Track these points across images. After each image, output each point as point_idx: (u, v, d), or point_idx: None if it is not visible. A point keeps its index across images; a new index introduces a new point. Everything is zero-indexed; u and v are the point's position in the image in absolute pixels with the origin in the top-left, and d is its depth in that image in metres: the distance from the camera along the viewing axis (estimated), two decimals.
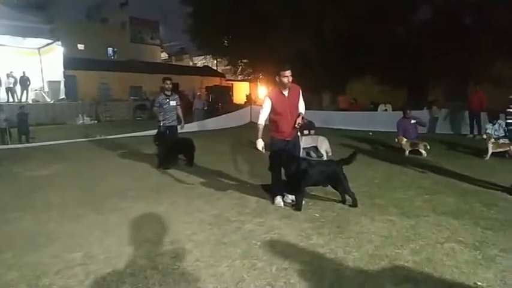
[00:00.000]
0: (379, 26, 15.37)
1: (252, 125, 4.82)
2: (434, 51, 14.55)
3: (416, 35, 15.80)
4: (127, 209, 4.70)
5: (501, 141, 7.79)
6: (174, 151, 7.24)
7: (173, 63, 43.53)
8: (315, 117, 13.65)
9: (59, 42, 20.08)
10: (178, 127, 7.50)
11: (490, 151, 7.55)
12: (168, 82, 7.20)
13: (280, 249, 3.46)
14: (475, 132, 11.23)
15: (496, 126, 8.38)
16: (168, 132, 7.24)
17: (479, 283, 2.81)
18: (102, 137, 11.75)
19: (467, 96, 12.60)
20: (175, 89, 23.47)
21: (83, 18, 36.77)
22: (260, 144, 4.61)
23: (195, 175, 6.51)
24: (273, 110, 4.68)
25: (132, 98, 24.20)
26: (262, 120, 4.70)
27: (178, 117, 7.48)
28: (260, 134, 4.65)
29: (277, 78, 4.64)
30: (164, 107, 7.19)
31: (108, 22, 35.98)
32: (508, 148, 7.54)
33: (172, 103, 7.25)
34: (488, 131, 8.23)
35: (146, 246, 3.52)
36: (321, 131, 10.54)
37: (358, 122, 14.13)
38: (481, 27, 14.26)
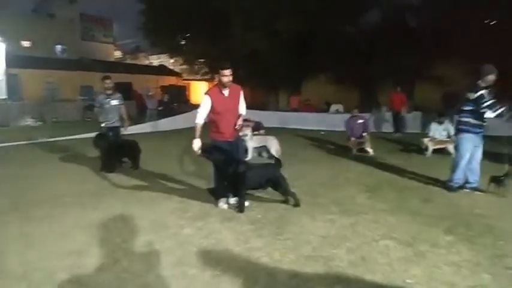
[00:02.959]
0: (331, 27, 15.69)
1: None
2: (382, 53, 15.10)
3: (367, 37, 16.31)
4: (59, 216, 4.38)
5: (438, 137, 8.13)
6: (117, 154, 6.89)
7: (128, 62, 42.11)
8: (271, 117, 13.76)
9: (0, 38, 18.65)
10: (122, 128, 7.15)
11: (430, 148, 7.90)
12: (108, 81, 6.85)
13: (216, 254, 3.35)
14: (396, 131, 11.97)
15: (443, 126, 8.33)
16: (110, 133, 6.88)
17: (408, 280, 2.85)
18: (45, 140, 11.04)
19: (413, 96, 13.19)
20: (128, 88, 22.74)
21: (29, 13, 34.53)
22: (196, 144, 4.45)
23: (138, 179, 6.24)
24: (212, 110, 4.55)
25: (80, 98, 23.03)
26: (200, 119, 4.54)
27: (121, 117, 7.13)
28: (197, 133, 4.49)
29: (217, 77, 4.53)
30: (105, 107, 6.83)
31: (55, 18, 34.06)
32: (446, 145, 7.90)
33: (114, 102, 6.90)
34: (431, 133, 8.43)
35: (71, 258, 3.26)
36: (275, 131, 10.60)
37: (312, 122, 14.35)
38: (424, 30, 15.00)
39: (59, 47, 32.62)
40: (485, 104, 4.89)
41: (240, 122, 4.57)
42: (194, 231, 3.88)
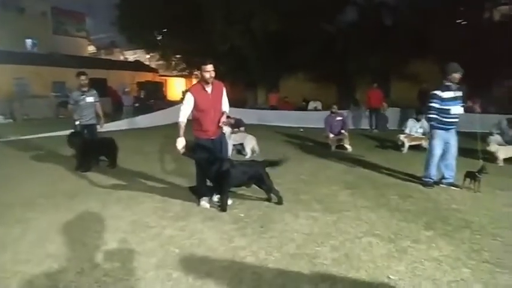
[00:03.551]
0: (309, 24, 15.78)
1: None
2: (359, 50, 15.34)
3: (344, 35, 16.52)
4: (33, 219, 4.20)
5: (414, 134, 8.33)
6: (93, 152, 6.69)
7: (102, 57, 40.96)
8: (250, 114, 13.72)
9: None
10: (97, 126, 6.94)
11: (407, 145, 8.09)
12: (83, 77, 6.63)
13: (200, 255, 3.29)
14: (373, 127, 12.13)
15: (420, 123, 8.52)
16: (85, 131, 6.66)
17: (391, 276, 2.89)
18: (16, 138, 10.60)
19: (389, 93, 13.42)
20: (103, 85, 22.13)
21: None
22: (180, 143, 4.35)
23: (116, 178, 6.07)
24: (195, 107, 4.46)
25: (53, 94, 22.24)
26: (183, 117, 4.45)
27: (97, 115, 6.92)
28: (181, 132, 4.39)
29: (199, 74, 4.45)
30: (80, 104, 6.61)
31: (26, 11, 32.68)
32: (421, 142, 8.10)
33: (89, 99, 6.69)
34: (407, 129, 8.62)
35: (47, 263, 3.12)
36: (255, 128, 10.58)
37: (291, 119, 14.41)
38: (400, 28, 15.33)
39: (29, 41, 31.34)
40: (451, 101, 5.08)
41: (223, 119, 4.51)
42: (176, 231, 3.80)
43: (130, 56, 40.38)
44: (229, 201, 4.54)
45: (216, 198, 4.68)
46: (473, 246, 3.38)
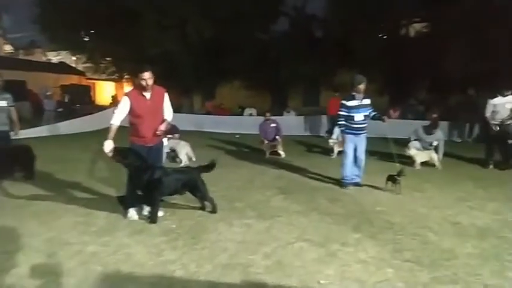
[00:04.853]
0: (243, 32, 15.96)
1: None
2: (291, 60, 15.88)
3: (277, 44, 16.98)
4: None
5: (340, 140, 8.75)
6: (6, 161, 5.98)
7: (21, 57, 37.43)
8: (186, 120, 13.41)
9: None
10: (12, 133, 6.25)
11: (336, 150, 8.47)
12: None
13: (125, 272, 3.07)
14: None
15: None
16: None
17: (322, 281, 2.94)
18: None
19: (319, 101, 13.96)
20: (21, 87, 20.16)
21: None
22: (108, 146, 4.05)
23: (33, 190, 5.50)
24: (132, 112, 4.21)
25: None
26: (115, 120, 4.15)
27: (11, 120, 6.23)
28: (110, 135, 4.10)
29: (136, 81, 4.22)
30: None
31: None
32: None
33: (2, 103, 6.01)
34: (334, 135, 8.97)
35: None
36: (191, 134, 10.34)
37: (227, 125, 14.38)
38: (328, 40, 16.17)
39: None
40: (355, 109, 5.61)
41: (162, 127, 4.29)
42: (100, 247, 3.52)
43: (54, 57, 37.46)
44: (161, 213, 4.33)
45: (146, 211, 4.43)
46: (396, 246, 3.59)
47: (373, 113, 5.78)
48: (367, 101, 5.71)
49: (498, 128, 7.15)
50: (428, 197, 5.35)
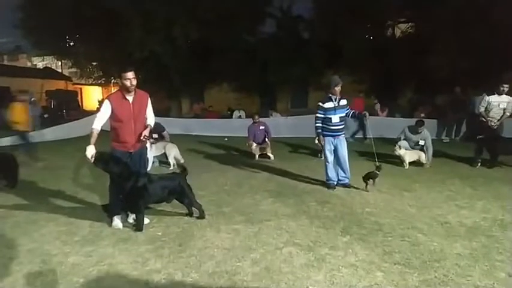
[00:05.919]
0: (230, 34, 15.89)
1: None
2: (278, 61, 15.86)
3: (264, 45, 16.96)
4: None
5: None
6: None
7: (5, 63, 36.80)
8: (174, 124, 13.24)
9: None
10: None
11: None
12: None
13: (108, 283, 2.96)
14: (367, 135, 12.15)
15: None
16: None
17: (310, 287, 2.87)
18: None
19: (307, 103, 13.94)
20: (5, 93, 19.77)
21: None
22: (89, 151, 3.92)
23: (15, 199, 5.34)
24: (113, 116, 4.09)
25: None
26: (97, 124, 4.03)
27: None
28: (92, 140, 3.97)
29: (119, 82, 4.11)
30: None
31: None
32: None
33: None
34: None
35: None
36: (179, 138, 10.22)
37: (216, 128, 14.24)
38: (315, 41, 16.19)
39: None
40: (331, 111, 5.60)
41: (146, 133, 4.17)
42: (82, 258, 3.40)
43: (39, 62, 36.93)
44: (146, 220, 4.22)
45: (131, 219, 4.32)
46: (385, 248, 3.54)
47: (351, 112, 5.85)
48: (344, 102, 5.73)
49: (491, 124, 7.11)
50: (417, 196, 5.33)
